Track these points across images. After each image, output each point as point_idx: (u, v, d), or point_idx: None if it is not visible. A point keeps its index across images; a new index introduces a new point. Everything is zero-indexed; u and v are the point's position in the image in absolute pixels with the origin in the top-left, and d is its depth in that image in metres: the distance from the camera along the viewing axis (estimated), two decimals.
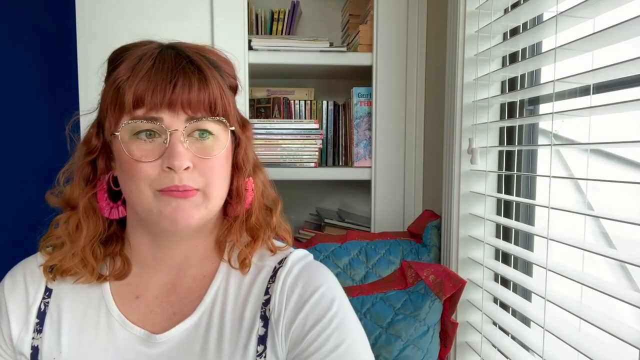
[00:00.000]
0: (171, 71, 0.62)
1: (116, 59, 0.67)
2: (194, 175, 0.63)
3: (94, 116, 0.71)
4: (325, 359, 0.64)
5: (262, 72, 1.56)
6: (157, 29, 1.34)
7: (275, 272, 0.70)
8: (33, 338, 0.69)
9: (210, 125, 0.65)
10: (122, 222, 0.74)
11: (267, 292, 0.69)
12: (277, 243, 0.76)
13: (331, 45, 1.45)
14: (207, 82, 0.64)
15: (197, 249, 0.72)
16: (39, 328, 0.69)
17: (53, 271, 0.70)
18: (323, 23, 1.73)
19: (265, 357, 0.66)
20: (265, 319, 0.67)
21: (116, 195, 0.70)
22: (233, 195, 0.71)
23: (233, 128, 0.68)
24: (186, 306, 0.70)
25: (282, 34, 1.59)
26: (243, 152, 0.71)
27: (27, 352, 0.68)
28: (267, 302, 0.68)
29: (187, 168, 0.62)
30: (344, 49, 1.45)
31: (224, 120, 0.66)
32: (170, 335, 0.67)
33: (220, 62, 0.70)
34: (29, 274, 0.72)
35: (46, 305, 0.70)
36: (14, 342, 0.69)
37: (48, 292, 0.71)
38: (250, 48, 1.41)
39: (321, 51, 1.43)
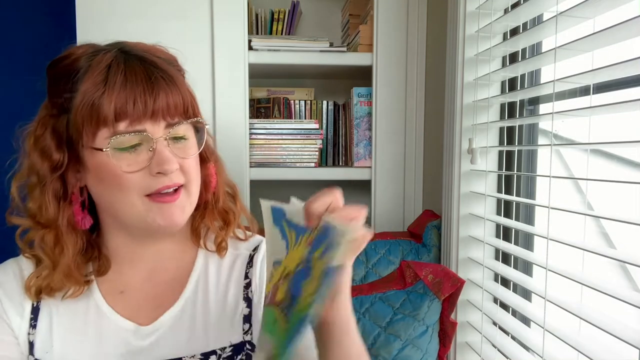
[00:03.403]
0: (146, 82, 0.64)
1: (71, 71, 0.65)
2: (179, 174, 0.67)
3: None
4: None
5: (262, 72, 1.56)
6: (157, 29, 1.34)
7: (251, 258, 0.76)
8: (29, 334, 0.70)
9: (183, 129, 0.68)
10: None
11: (246, 277, 0.75)
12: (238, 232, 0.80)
13: (331, 45, 1.45)
14: (179, 87, 0.67)
15: (174, 241, 0.75)
16: (34, 323, 0.70)
17: (39, 291, 0.69)
18: (323, 23, 1.73)
19: (251, 333, 0.71)
20: (248, 300, 0.73)
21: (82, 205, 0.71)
22: (202, 185, 0.74)
23: (208, 125, 0.71)
24: (169, 296, 0.72)
25: (282, 34, 1.59)
26: (206, 144, 0.73)
27: (25, 347, 0.70)
28: (248, 285, 0.74)
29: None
30: (344, 49, 1.45)
31: (202, 121, 0.70)
32: (157, 326, 0.70)
33: (171, 59, 0.72)
34: (19, 272, 0.73)
35: (39, 301, 0.71)
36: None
37: None
38: (250, 48, 1.41)
39: (321, 51, 1.43)
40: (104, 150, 0.63)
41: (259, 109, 1.62)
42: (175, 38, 1.36)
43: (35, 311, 0.71)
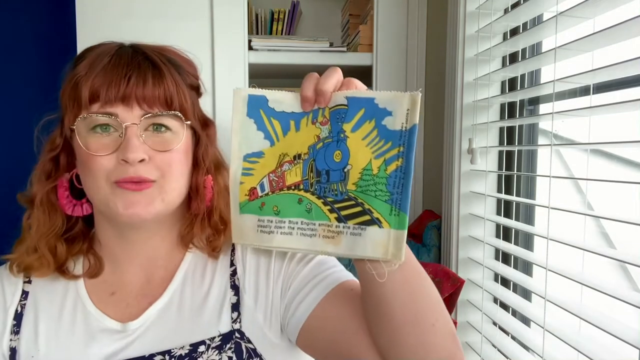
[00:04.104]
0: (126, 66, 0.63)
1: (79, 59, 0.67)
2: (149, 168, 0.64)
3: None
4: (304, 269, 0.68)
5: (262, 72, 1.56)
6: (157, 29, 1.34)
7: (233, 246, 0.75)
8: (11, 340, 0.69)
9: (166, 120, 0.66)
10: (89, 221, 0.74)
11: (232, 264, 0.74)
12: None
13: (331, 45, 1.45)
14: (162, 77, 0.65)
15: (163, 242, 0.74)
16: (16, 329, 0.70)
17: (19, 268, 0.70)
18: (323, 23, 1.73)
19: (240, 322, 0.70)
20: (235, 288, 0.71)
21: (81, 194, 0.71)
22: (193, 192, 0.72)
23: (189, 122, 0.68)
24: (157, 291, 0.72)
25: (282, 34, 1.59)
26: (203, 149, 0.72)
27: (6, 353, 0.69)
28: (234, 273, 0.73)
29: (142, 160, 0.63)
30: (344, 49, 1.45)
31: (180, 115, 0.67)
32: (143, 320, 0.69)
33: (181, 61, 0.71)
34: (5, 278, 0.72)
35: (23, 307, 0.71)
36: None
37: (25, 294, 0.72)
38: (250, 48, 1.41)
39: (321, 51, 1.43)
40: (72, 127, 0.64)
41: None
42: (176, 38, 1.36)
43: (18, 317, 0.70)
